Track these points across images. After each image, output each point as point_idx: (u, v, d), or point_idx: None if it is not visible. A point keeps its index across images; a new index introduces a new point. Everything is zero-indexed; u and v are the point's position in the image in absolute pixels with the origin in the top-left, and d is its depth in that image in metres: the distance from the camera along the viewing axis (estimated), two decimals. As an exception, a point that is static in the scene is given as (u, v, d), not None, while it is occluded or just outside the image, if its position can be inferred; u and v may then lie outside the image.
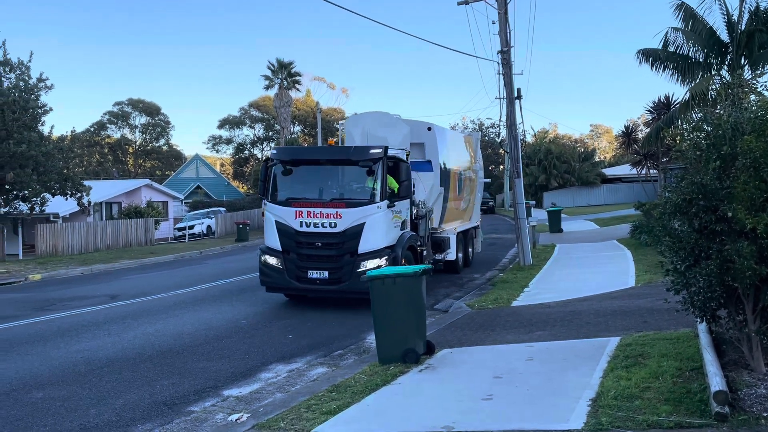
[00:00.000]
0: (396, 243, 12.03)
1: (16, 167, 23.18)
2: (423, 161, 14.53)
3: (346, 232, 11.60)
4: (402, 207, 12.47)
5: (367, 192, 11.93)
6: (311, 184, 12.52)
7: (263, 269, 12.36)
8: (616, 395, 5.61)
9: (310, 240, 11.80)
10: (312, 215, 11.78)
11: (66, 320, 11.97)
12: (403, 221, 12.54)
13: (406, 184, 12.14)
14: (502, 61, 18.13)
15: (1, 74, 24.65)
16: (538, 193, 55.50)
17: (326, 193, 12.30)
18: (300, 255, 11.90)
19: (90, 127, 64.33)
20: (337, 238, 11.65)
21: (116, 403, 7.01)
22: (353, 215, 11.61)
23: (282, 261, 12.02)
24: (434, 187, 14.58)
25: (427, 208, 13.88)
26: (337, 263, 11.68)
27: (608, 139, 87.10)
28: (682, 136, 6.68)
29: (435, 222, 14.73)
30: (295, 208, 11.92)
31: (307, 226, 11.79)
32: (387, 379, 6.99)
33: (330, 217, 11.67)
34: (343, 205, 11.74)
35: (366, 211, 11.66)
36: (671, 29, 20.32)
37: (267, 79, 45.49)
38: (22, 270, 21.64)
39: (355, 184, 12.35)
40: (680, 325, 7.84)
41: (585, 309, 10.33)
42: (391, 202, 11.93)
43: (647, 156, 39.20)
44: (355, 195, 12.10)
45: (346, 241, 11.62)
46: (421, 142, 14.62)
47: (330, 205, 11.81)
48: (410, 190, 12.36)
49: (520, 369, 6.99)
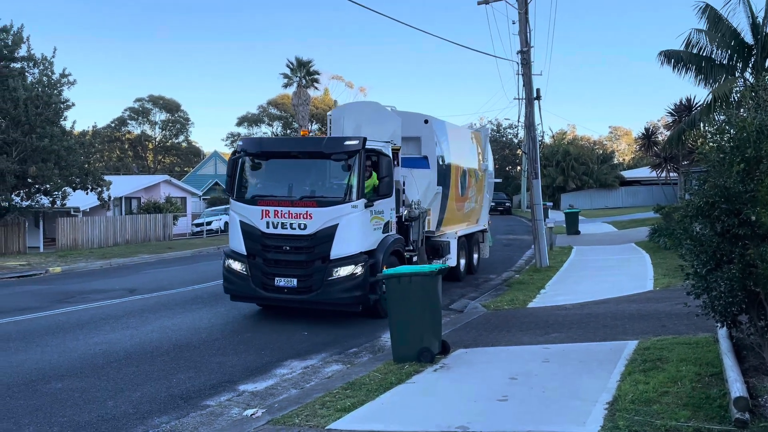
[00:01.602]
0: (377, 248, 10.81)
1: (38, 161, 23.54)
2: (418, 157, 13.28)
3: (317, 235, 10.35)
4: (384, 207, 11.14)
5: (341, 189, 10.71)
6: (280, 181, 11.27)
7: (227, 275, 11.14)
8: (634, 399, 5.55)
9: (278, 243, 10.56)
10: (279, 215, 10.54)
11: (85, 313, 12.12)
12: (386, 223, 11.24)
13: (387, 180, 10.82)
14: (522, 61, 18.04)
15: (25, 69, 25.05)
16: (555, 194, 55.15)
17: (296, 191, 10.96)
18: (266, 260, 10.66)
19: (111, 123, 65.19)
20: (306, 242, 10.40)
21: (133, 396, 7.08)
22: (325, 215, 10.37)
23: (247, 266, 10.80)
24: (431, 186, 13.26)
25: (421, 210, 12.49)
26: (307, 270, 10.41)
27: (627, 141, 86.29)
28: (705, 138, 6.60)
29: (432, 225, 13.45)
30: (261, 207, 10.68)
31: (274, 227, 10.56)
32: (402, 378, 6.98)
33: (299, 218, 10.43)
34: (314, 204, 10.47)
35: (339, 210, 10.39)
36: (694, 30, 20.10)
37: (286, 77, 45.65)
38: (43, 263, 21.95)
39: (328, 181, 11.12)
40: (700, 330, 7.74)
41: (602, 312, 10.24)
42: (369, 201, 10.67)
43: (667, 159, 38.81)
44: (328, 193, 10.83)
45: (317, 245, 10.37)
46: (417, 136, 13.31)
47: (299, 204, 10.55)
48: (391, 187, 11.10)
49: (536, 371, 6.94)
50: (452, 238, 14.28)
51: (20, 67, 24.79)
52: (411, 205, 12.51)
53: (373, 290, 10.61)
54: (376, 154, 11.05)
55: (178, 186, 41.74)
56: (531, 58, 18.05)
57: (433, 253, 13.59)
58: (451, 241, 14.20)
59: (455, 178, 14.68)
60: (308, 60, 45.51)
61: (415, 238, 12.42)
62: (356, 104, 14.74)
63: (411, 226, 12.36)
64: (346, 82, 66.02)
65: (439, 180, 13.52)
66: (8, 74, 23.08)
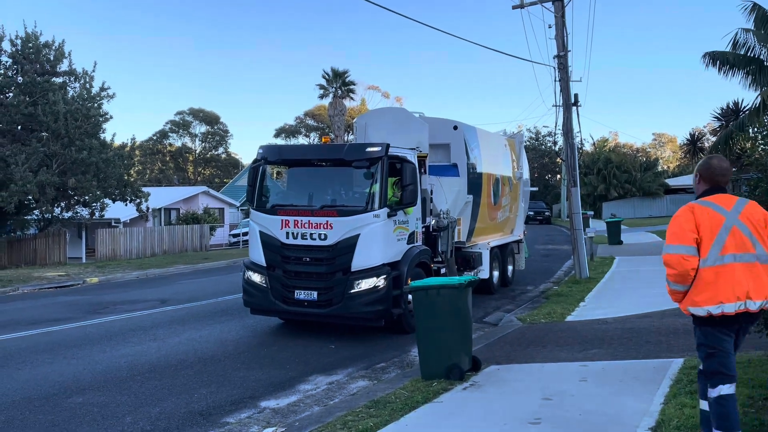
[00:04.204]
0: (401, 260, 10.37)
1: (77, 173, 24.00)
2: (448, 165, 12.81)
3: (338, 246, 9.95)
4: (409, 216, 10.75)
5: (363, 198, 10.31)
6: (301, 190, 11.00)
7: (246, 288, 10.83)
8: (679, 425, 5.08)
9: (298, 254, 10.21)
10: (299, 225, 10.18)
11: (115, 324, 12.10)
12: (411, 233, 10.79)
13: (411, 188, 10.31)
14: (559, 66, 17.53)
15: (66, 84, 25.66)
16: (596, 203, 53.96)
17: (317, 200, 10.62)
18: (286, 272, 10.32)
19: (153, 136, 66.65)
20: (327, 253, 10.02)
21: (152, 411, 6.89)
22: (346, 225, 9.95)
23: (266, 278, 10.46)
24: (460, 195, 12.77)
25: (450, 219, 12.04)
26: (328, 282, 10.03)
27: (672, 148, 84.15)
28: (756, 141, 6.11)
29: (463, 235, 13.05)
30: (281, 217, 10.34)
31: (294, 237, 10.21)
32: (428, 397, 6.63)
33: (319, 228, 10.04)
34: (334, 214, 10.08)
35: (361, 220, 9.96)
36: (741, 30, 19.28)
37: (321, 88, 45.87)
38: (81, 273, 22.28)
39: (350, 189, 10.76)
40: (752, 348, 7.18)
41: (645, 326, 9.69)
42: (393, 210, 10.26)
43: (714, 165, 37.43)
44: (350, 202, 10.48)
45: (338, 256, 9.97)
46: (446, 143, 12.84)
47: (320, 214, 10.16)
48: (416, 195, 10.67)
49: (573, 391, 6.50)
50: (484, 249, 13.78)
51: (62, 81, 25.39)
52: (439, 214, 12.06)
53: (397, 304, 10.20)
54: (400, 161, 10.60)
55: (216, 197, 42.24)
56: (569, 62, 17.54)
57: (464, 265, 13.09)
58: (483, 252, 13.70)
59: (487, 186, 14.14)
60: (344, 70, 45.66)
61: (443, 249, 11.94)
62: (382, 110, 14.34)
63: (439, 237, 11.90)
64: (382, 92, 66.16)
65: (469, 188, 13.03)
66: (49, 88, 23.61)
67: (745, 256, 4.09)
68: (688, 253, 4.10)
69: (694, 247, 4.12)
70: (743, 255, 4.09)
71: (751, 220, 4.16)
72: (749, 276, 4.07)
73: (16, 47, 24.49)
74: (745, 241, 4.10)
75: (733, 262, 4.08)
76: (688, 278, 4.13)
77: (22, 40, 24.58)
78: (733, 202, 4.21)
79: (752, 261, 4.10)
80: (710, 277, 4.07)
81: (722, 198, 4.23)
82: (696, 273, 4.11)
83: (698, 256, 4.12)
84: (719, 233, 4.10)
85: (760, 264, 4.11)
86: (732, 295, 4.04)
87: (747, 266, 4.09)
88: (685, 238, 4.12)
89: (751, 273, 4.08)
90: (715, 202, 4.20)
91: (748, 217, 4.17)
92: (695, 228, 4.12)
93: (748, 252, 4.10)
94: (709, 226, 4.11)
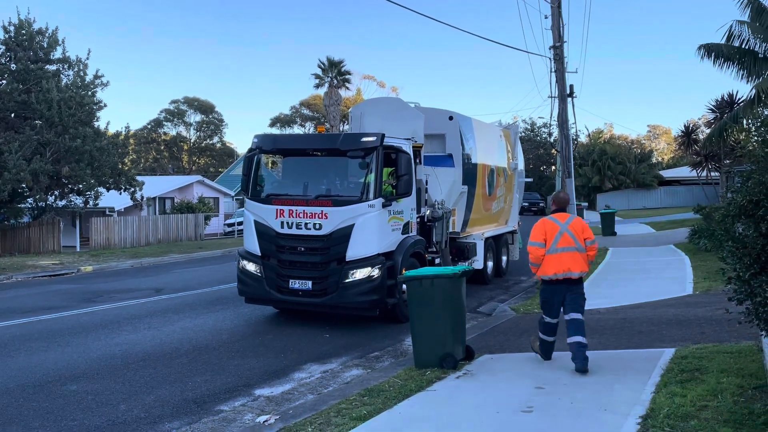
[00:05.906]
0: (395, 249, 10.41)
1: (71, 162, 23.87)
2: (443, 155, 12.79)
3: (333, 235, 10.00)
4: (404, 207, 10.76)
5: (358, 188, 10.33)
6: (296, 179, 10.99)
7: (241, 277, 10.87)
8: (669, 413, 5.13)
9: (292, 244, 10.25)
10: (294, 215, 10.22)
11: (109, 312, 12.10)
12: (405, 224, 10.82)
13: (406, 178, 10.41)
14: (555, 57, 17.54)
15: (60, 71, 25.47)
16: (591, 194, 54.05)
17: (312, 189, 10.62)
18: (281, 261, 10.37)
19: (147, 124, 66.27)
20: (322, 242, 10.07)
21: (147, 399, 6.92)
22: (341, 215, 9.99)
23: (261, 268, 10.52)
24: (455, 185, 12.78)
25: (444, 209, 12.09)
26: (322, 272, 10.09)
27: (667, 140, 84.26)
28: (749, 133, 6.14)
29: (457, 225, 13.07)
30: (276, 206, 10.37)
31: (288, 227, 10.25)
32: (422, 385, 6.67)
33: (314, 217, 10.09)
34: (329, 204, 10.13)
35: (355, 210, 10.00)
36: (736, 22, 19.28)
37: (317, 77, 45.79)
38: (75, 262, 22.25)
39: (345, 179, 10.77)
40: (742, 338, 7.25)
41: (637, 316, 9.75)
42: (387, 200, 10.30)
43: (708, 157, 37.64)
44: (345, 192, 10.51)
45: (333, 246, 10.02)
46: (441, 133, 12.80)
47: (315, 204, 10.18)
48: (411, 186, 10.71)
49: (565, 380, 6.56)
50: (479, 240, 13.83)
51: (55, 68, 25.19)
52: (434, 204, 12.07)
53: (392, 294, 10.24)
54: (396, 151, 10.59)
55: (211, 186, 42.10)
56: (564, 53, 17.55)
57: (458, 255, 13.12)
58: (477, 242, 13.75)
59: (482, 176, 14.15)
60: (339, 60, 45.57)
61: (438, 239, 11.98)
62: (377, 100, 14.35)
63: (434, 227, 11.92)
64: (378, 82, 65.98)
65: (464, 179, 13.05)
66: (42, 76, 23.43)
67: (570, 248, 6.92)
68: (540, 246, 7.00)
69: (543, 243, 6.99)
70: (568, 247, 6.93)
71: (575, 228, 7.01)
72: (571, 259, 6.91)
73: (9, 34, 24.25)
74: (570, 240, 6.94)
75: (563, 252, 6.92)
76: (539, 259, 7.02)
77: (15, 27, 24.34)
78: (566, 218, 7.13)
79: (573, 251, 6.93)
80: (550, 259, 6.95)
81: (561, 215, 7.19)
82: (544, 257, 6.97)
83: (545, 247, 6.97)
84: (556, 235, 6.96)
85: (578, 253, 6.95)
86: (560, 269, 6.90)
87: (570, 254, 6.92)
88: (538, 237, 7.03)
89: (572, 257, 6.92)
90: (556, 217, 7.15)
91: (573, 226, 7.03)
92: (544, 232, 7.02)
93: (571, 246, 6.92)
94: (551, 231, 7.00)
